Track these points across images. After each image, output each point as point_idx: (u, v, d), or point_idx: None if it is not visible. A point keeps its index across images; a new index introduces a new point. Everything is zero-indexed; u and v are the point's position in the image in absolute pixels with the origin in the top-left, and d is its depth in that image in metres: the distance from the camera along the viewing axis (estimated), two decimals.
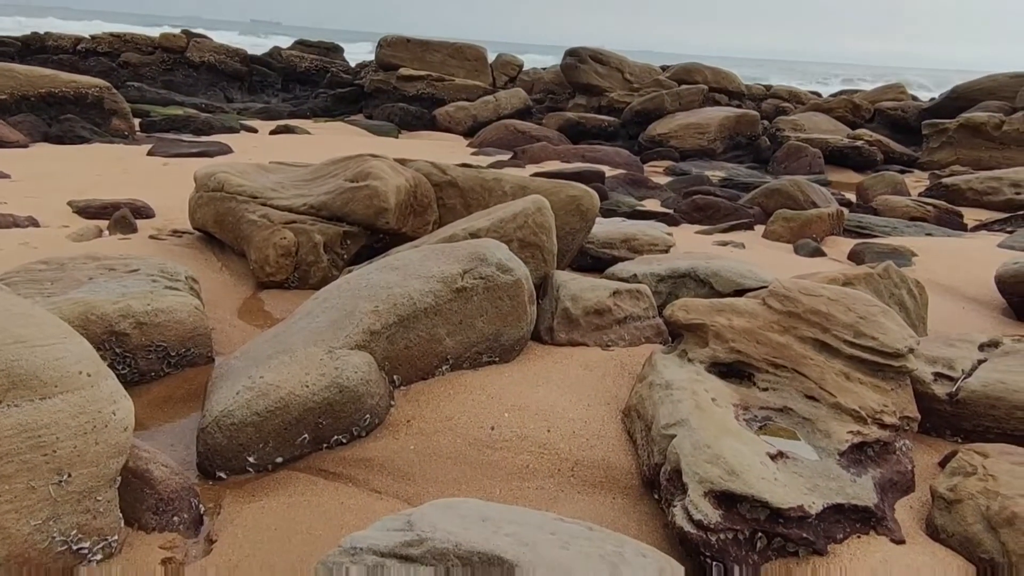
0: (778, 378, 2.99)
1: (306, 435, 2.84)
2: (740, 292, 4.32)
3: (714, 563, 2.14)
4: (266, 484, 2.69)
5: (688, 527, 2.19)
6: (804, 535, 2.22)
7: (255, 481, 2.71)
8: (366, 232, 5.01)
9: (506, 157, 12.99)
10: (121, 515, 2.27)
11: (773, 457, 2.49)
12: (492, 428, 2.96)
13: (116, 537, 2.19)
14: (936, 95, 21.70)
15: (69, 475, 2.06)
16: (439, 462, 2.80)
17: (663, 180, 11.65)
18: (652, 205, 9.39)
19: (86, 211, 6.36)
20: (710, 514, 2.20)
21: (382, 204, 4.82)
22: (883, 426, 2.77)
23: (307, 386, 2.82)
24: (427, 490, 2.66)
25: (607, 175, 10.56)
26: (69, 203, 6.66)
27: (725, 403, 2.83)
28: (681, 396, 2.79)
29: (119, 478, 2.25)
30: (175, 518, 2.40)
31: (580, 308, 3.94)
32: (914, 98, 20.92)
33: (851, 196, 11.05)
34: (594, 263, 5.42)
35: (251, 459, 2.75)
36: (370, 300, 3.24)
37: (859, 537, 2.34)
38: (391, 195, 4.83)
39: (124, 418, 2.25)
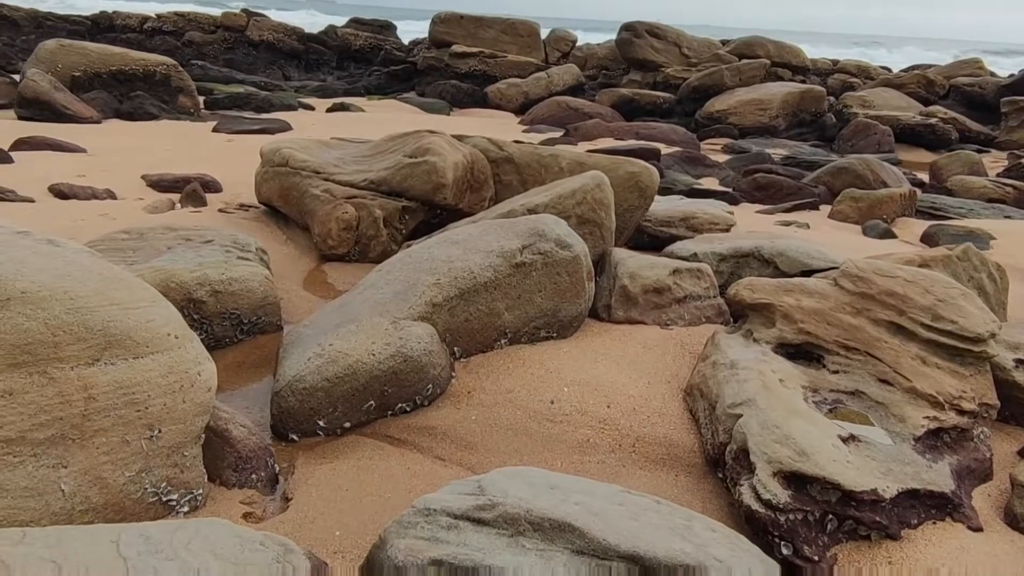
0: (849, 361, 2.93)
1: (372, 402, 2.92)
2: (807, 273, 4.22)
3: (782, 543, 2.12)
4: (336, 447, 2.79)
5: (756, 506, 2.18)
6: (877, 519, 2.18)
7: (325, 444, 2.82)
8: (424, 207, 5.07)
9: (558, 134, 12.89)
10: (205, 471, 2.39)
11: (845, 440, 2.44)
12: (552, 402, 2.99)
13: (201, 491, 2.31)
14: (1015, 71, 20.47)
15: (159, 431, 2.18)
16: (500, 433, 2.84)
17: (721, 158, 11.38)
18: (710, 184, 9.20)
19: (159, 184, 6.62)
20: (779, 494, 2.18)
21: (440, 180, 4.86)
22: (961, 412, 2.68)
23: (373, 354, 2.90)
24: (489, 459, 2.72)
25: (662, 153, 10.38)
26: (143, 177, 6.95)
27: (793, 385, 2.78)
28: (747, 376, 2.75)
29: (203, 435, 2.37)
30: (253, 475, 2.52)
31: (639, 286, 3.92)
32: (992, 74, 19.78)
33: (924, 176, 10.60)
34: (651, 241, 5.36)
35: (321, 423, 2.85)
36: (432, 273, 3.29)
37: (934, 523, 2.28)
38: (449, 171, 4.87)
39: (208, 379, 2.36)
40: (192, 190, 6.09)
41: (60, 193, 5.96)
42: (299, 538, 2.16)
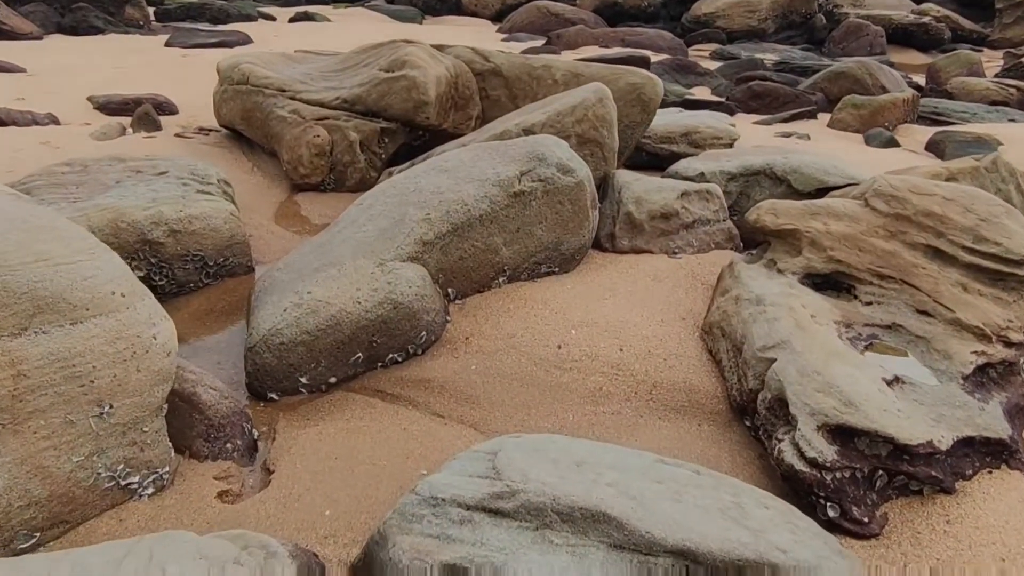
0: (884, 291, 2.65)
1: (360, 354, 2.61)
2: (822, 191, 3.90)
3: (828, 504, 1.90)
4: (321, 406, 2.50)
5: (800, 465, 1.94)
6: (932, 473, 1.96)
7: (309, 403, 2.52)
8: (404, 129, 4.61)
9: (539, 43, 12.12)
10: (171, 445, 2.09)
11: (890, 383, 2.20)
12: (559, 347, 2.70)
13: (167, 469, 2.02)
14: None
15: (111, 406, 1.86)
16: (504, 384, 2.57)
17: (711, 65, 10.78)
18: (702, 93, 8.69)
19: (107, 107, 6.02)
20: (825, 451, 1.94)
21: (421, 97, 4.39)
22: (1008, 344, 2.45)
23: (359, 302, 2.57)
24: (493, 414, 2.45)
25: (652, 61, 9.78)
26: (89, 99, 6.31)
27: (826, 320, 2.51)
28: (777, 313, 2.48)
29: (165, 406, 2.06)
30: (228, 445, 2.23)
31: (645, 212, 3.58)
32: None
33: (919, 79, 10.15)
34: (651, 160, 4.98)
35: (303, 379, 2.55)
36: (420, 207, 2.92)
37: (990, 472, 2.08)
38: (431, 86, 4.39)
39: (166, 342, 2.03)
40: (144, 113, 5.52)
41: None
42: (284, 521, 1.89)
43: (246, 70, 4.97)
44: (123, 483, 1.89)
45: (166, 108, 6.08)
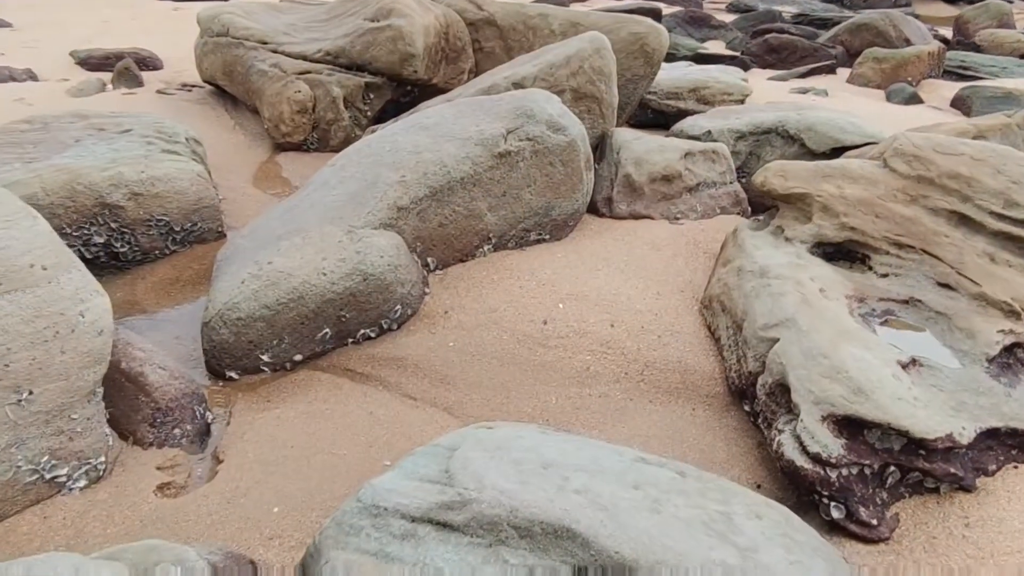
0: (902, 261, 2.40)
1: (327, 330, 2.41)
2: (838, 151, 3.61)
3: (832, 504, 1.70)
4: (283, 386, 2.31)
5: (801, 461, 1.73)
6: (951, 470, 1.75)
7: (271, 382, 2.34)
8: (391, 83, 4.32)
9: None
10: (110, 432, 1.91)
11: (905, 366, 1.96)
12: (544, 322, 2.49)
13: (102, 458, 1.84)
14: None
15: (30, 392, 1.67)
16: (483, 363, 2.36)
17: (727, 18, 10.28)
18: (716, 47, 8.27)
19: (88, 62, 5.76)
20: (830, 444, 1.73)
21: (408, 48, 4.09)
22: None
23: (324, 274, 2.35)
24: (469, 397, 2.25)
25: (664, 13, 9.32)
26: (71, 53, 6.04)
27: (836, 295, 2.27)
28: (782, 287, 2.24)
29: (100, 390, 1.87)
30: (176, 431, 2.05)
31: (645, 174, 3.32)
32: None
33: (945, 32, 9.62)
34: (655, 118, 4.68)
35: (264, 357, 2.36)
36: (395, 168, 2.68)
37: (1015, 468, 1.86)
38: (418, 36, 4.09)
39: (97, 319, 1.83)
40: (124, 68, 5.26)
41: None
42: (226, 519, 1.72)
43: (226, 20, 4.68)
44: (48, 476, 1.72)
45: (150, 63, 5.81)
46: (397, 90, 4.33)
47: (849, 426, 1.79)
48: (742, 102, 4.59)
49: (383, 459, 1.97)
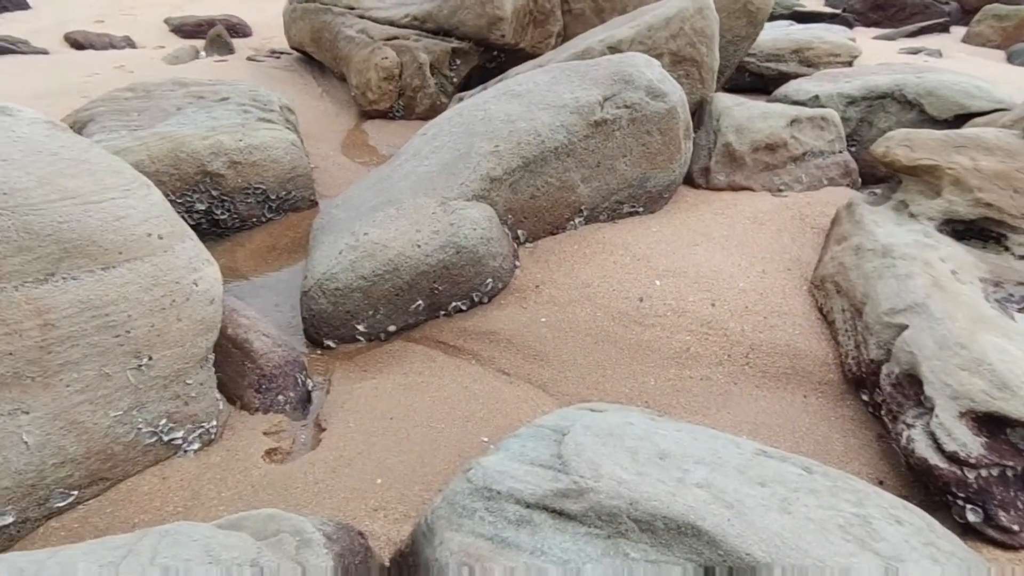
0: None
1: (420, 302, 2.40)
2: (963, 118, 3.31)
3: (969, 507, 1.56)
4: (379, 356, 2.33)
5: (935, 459, 1.60)
6: None
7: (367, 352, 2.35)
8: (478, 48, 4.24)
9: None
10: (220, 396, 1.97)
11: None
12: (640, 299, 2.39)
13: (214, 422, 1.90)
14: None
15: (150, 358, 1.72)
16: (577, 340, 2.30)
17: None
18: (814, 4, 7.75)
19: (181, 29, 5.92)
20: (969, 443, 1.59)
21: (496, 11, 3.99)
22: None
23: (419, 246, 2.33)
24: (564, 375, 2.20)
25: None
26: (165, 21, 6.23)
27: (969, 277, 2.08)
28: (909, 268, 2.06)
29: (211, 356, 1.91)
30: (279, 397, 2.09)
31: (747, 143, 3.13)
32: None
33: None
34: (753, 82, 4.42)
35: (360, 327, 2.37)
36: (488, 138, 2.61)
37: None
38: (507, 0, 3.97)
39: (209, 287, 1.86)
40: (216, 35, 5.37)
41: (76, 43, 5.37)
42: (332, 488, 1.74)
43: None
44: (166, 438, 1.78)
45: (240, 30, 5.92)
46: (484, 55, 4.25)
47: (990, 424, 1.64)
48: (850, 64, 4.27)
49: (480, 435, 1.95)
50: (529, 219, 2.68)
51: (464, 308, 2.48)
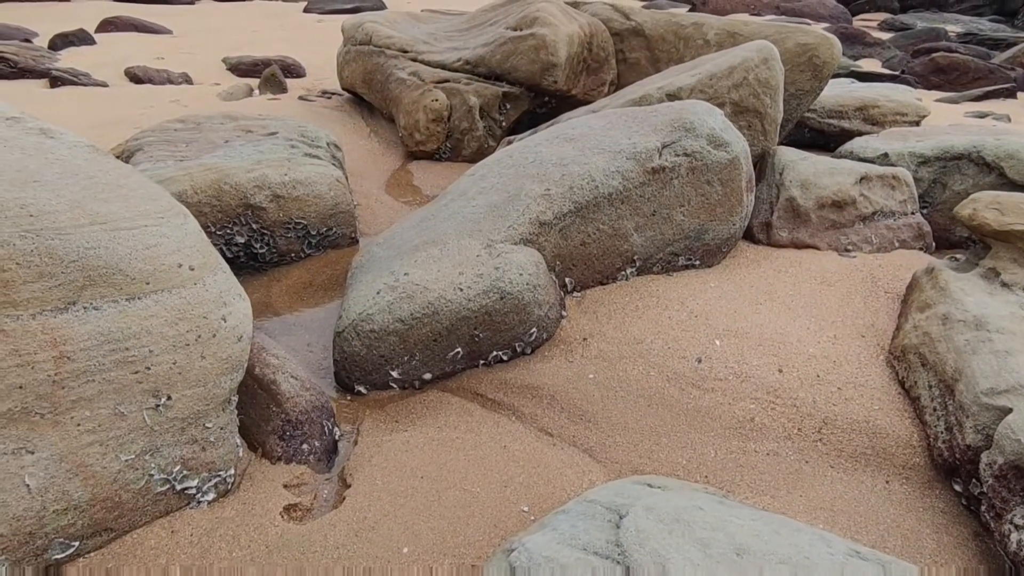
0: None
1: (459, 349, 2.24)
2: None
3: None
4: (412, 406, 2.16)
5: None
6: None
7: (400, 401, 2.19)
8: (529, 93, 4.18)
9: (683, 10, 11.24)
10: (241, 442, 1.82)
11: None
12: (699, 360, 2.20)
13: (232, 471, 1.75)
14: None
15: (168, 397, 1.59)
16: (627, 401, 2.11)
17: (882, 36, 9.50)
18: (871, 66, 7.61)
19: (238, 68, 6.05)
20: None
21: (550, 57, 3.93)
22: None
23: (461, 289, 2.19)
24: (613, 439, 2.00)
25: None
26: (223, 60, 6.39)
27: None
28: (1009, 344, 1.84)
29: (235, 397, 1.78)
30: (304, 445, 1.93)
31: (812, 199, 2.95)
32: None
33: None
34: (813, 137, 4.26)
35: (395, 373, 2.22)
36: (540, 181, 2.49)
37: None
38: (561, 46, 3.92)
39: (238, 324, 1.74)
40: (271, 74, 5.45)
41: (135, 77, 5.51)
42: (353, 554, 1.56)
43: (369, 29, 4.73)
44: (179, 487, 1.63)
45: (294, 71, 6.02)
46: (534, 101, 4.18)
47: None
48: (917, 124, 4.09)
49: (520, 503, 1.76)
50: (578, 267, 2.53)
51: (505, 358, 2.31)
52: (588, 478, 1.86)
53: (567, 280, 2.56)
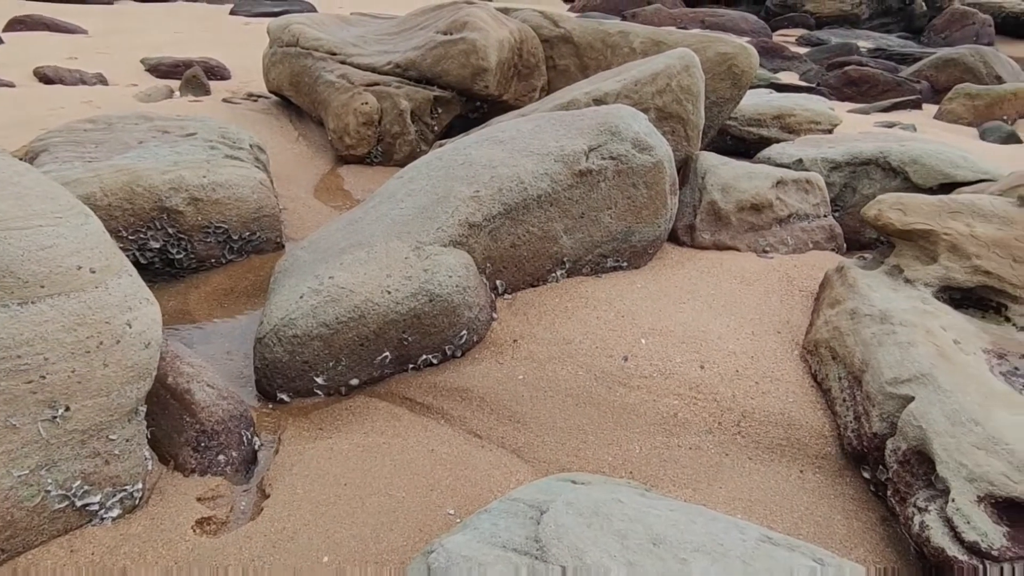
0: None
1: (387, 353, 2.20)
2: (946, 188, 3.28)
3: None
4: (337, 413, 2.11)
5: (954, 550, 1.42)
6: None
7: (324, 408, 2.13)
8: (460, 98, 4.17)
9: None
10: (150, 455, 1.73)
11: None
12: (625, 359, 2.23)
13: (140, 485, 1.66)
14: None
15: (67, 408, 1.50)
16: (556, 400, 2.12)
17: (800, 50, 9.96)
18: (790, 78, 7.96)
19: (157, 69, 5.81)
20: (990, 533, 1.42)
21: (480, 62, 3.94)
22: None
23: (388, 292, 2.16)
24: (542, 439, 2.00)
25: None
26: (142, 61, 6.12)
27: (973, 348, 1.96)
28: (911, 336, 1.94)
29: (143, 407, 1.69)
30: (220, 456, 1.85)
31: (732, 202, 3.05)
32: None
33: None
34: (735, 144, 4.41)
35: (319, 380, 2.16)
36: (469, 183, 2.48)
37: None
38: (492, 51, 3.94)
39: (145, 330, 1.65)
40: (192, 76, 5.26)
41: (45, 77, 5.21)
42: (270, 564, 1.50)
43: (296, 31, 4.63)
44: (79, 503, 1.53)
45: (218, 73, 5.83)
46: (466, 105, 4.18)
47: (1009, 510, 1.48)
48: (830, 132, 4.29)
49: (446, 506, 1.73)
50: (508, 269, 2.53)
51: (435, 362, 2.28)
52: (516, 478, 1.85)
53: (498, 282, 2.56)
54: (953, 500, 1.48)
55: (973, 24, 12.16)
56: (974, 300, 2.21)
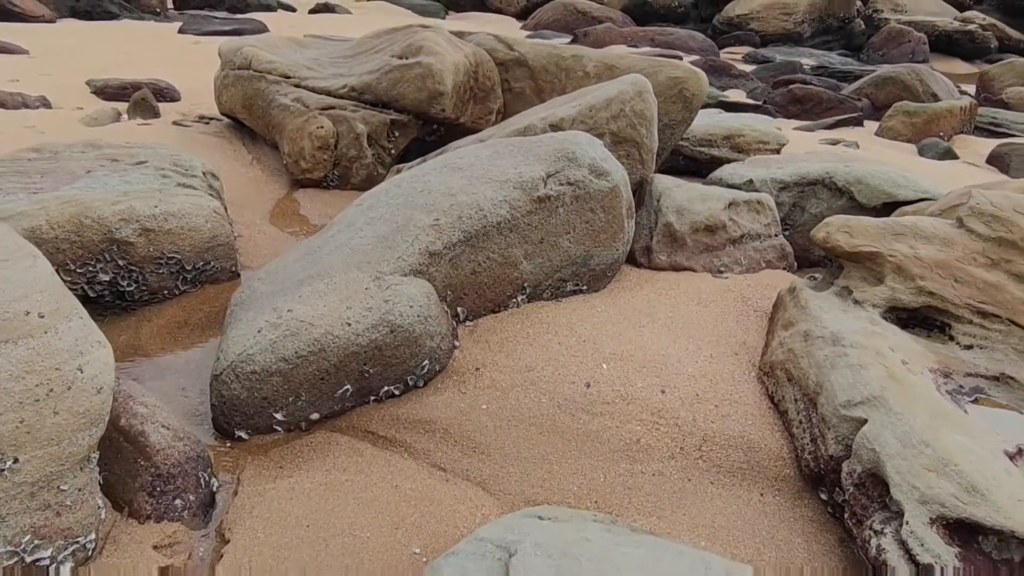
0: (987, 332, 2.17)
1: (348, 386, 2.18)
2: (890, 206, 3.42)
3: None
4: (298, 449, 2.07)
5: (909, 573, 1.47)
6: None
7: (284, 445, 2.09)
8: (417, 121, 4.18)
9: (565, 41, 11.67)
10: (103, 503, 1.67)
11: (1012, 457, 1.72)
12: (588, 385, 2.25)
13: (92, 536, 1.60)
14: None
15: (15, 460, 1.44)
16: (520, 430, 2.12)
17: (746, 68, 10.27)
18: (737, 96, 8.20)
19: (104, 91, 5.65)
20: (943, 553, 1.47)
21: (437, 86, 3.95)
22: None
23: (349, 324, 2.13)
24: (507, 470, 2.00)
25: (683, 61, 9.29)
26: (87, 83, 5.95)
27: (920, 368, 2.04)
28: (861, 358, 2.01)
29: (95, 454, 1.63)
30: (177, 501, 1.80)
31: (687, 223, 3.12)
32: None
33: (967, 89, 9.57)
34: (687, 165, 4.50)
35: (279, 416, 2.12)
36: (428, 211, 2.48)
37: None
38: (447, 75, 3.95)
39: (98, 374, 1.60)
40: (141, 98, 5.14)
41: None
42: None
43: (249, 54, 4.57)
44: (29, 559, 1.47)
45: (167, 94, 5.71)
46: (423, 128, 4.18)
47: (960, 531, 1.54)
48: (778, 151, 4.43)
49: (412, 545, 1.71)
50: (469, 296, 2.53)
51: (397, 393, 2.27)
52: (481, 512, 1.85)
53: (459, 310, 2.55)
54: (907, 523, 1.54)
55: (909, 42, 12.73)
56: (919, 320, 2.30)
